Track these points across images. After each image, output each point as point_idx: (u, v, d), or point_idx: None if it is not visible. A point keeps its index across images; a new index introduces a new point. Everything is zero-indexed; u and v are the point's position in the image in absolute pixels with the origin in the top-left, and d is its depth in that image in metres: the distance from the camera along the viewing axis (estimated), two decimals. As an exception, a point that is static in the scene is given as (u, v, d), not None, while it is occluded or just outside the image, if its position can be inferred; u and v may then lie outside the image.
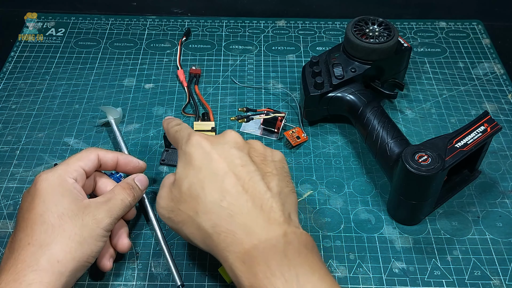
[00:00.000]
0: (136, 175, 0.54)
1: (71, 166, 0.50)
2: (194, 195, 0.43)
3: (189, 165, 0.45)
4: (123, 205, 0.50)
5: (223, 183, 0.43)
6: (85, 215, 0.47)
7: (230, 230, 0.41)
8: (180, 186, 0.45)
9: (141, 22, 0.86)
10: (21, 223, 0.46)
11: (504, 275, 0.53)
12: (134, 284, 0.52)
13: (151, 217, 0.56)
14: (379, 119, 0.61)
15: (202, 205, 0.43)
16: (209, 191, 0.43)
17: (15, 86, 0.74)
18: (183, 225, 0.45)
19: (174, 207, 0.45)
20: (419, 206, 0.55)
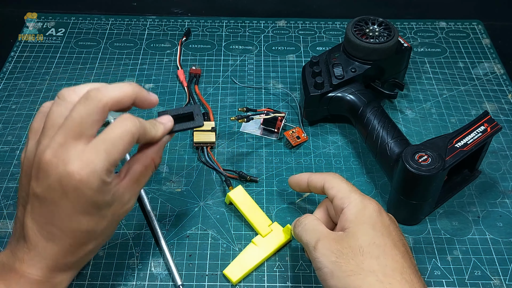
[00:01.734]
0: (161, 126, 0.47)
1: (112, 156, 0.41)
2: (375, 254, 0.44)
3: (371, 226, 0.46)
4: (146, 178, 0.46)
5: (403, 259, 0.44)
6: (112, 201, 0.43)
7: None
8: (358, 239, 0.45)
9: (141, 22, 0.86)
10: None
11: (504, 275, 0.53)
12: (134, 284, 0.52)
13: (151, 216, 0.56)
14: (379, 119, 0.61)
15: (383, 267, 0.43)
16: (391, 260, 0.44)
17: (15, 86, 0.74)
18: (353, 275, 0.43)
19: (346, 254, 0.44)
20: (419, 206, 0.55)
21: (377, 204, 0.48)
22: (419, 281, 0.43)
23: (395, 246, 0.45)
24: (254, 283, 0.52)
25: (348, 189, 0.49)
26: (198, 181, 0.62)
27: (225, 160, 0.64)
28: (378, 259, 0.43)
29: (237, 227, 0.57)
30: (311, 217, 0.50)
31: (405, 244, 0.46)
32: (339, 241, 0.45)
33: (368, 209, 0.47)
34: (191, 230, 0.57)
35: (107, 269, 0.53)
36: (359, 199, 0.48)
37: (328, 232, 0.47)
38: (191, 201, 0.60)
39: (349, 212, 0.47)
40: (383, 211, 0.48)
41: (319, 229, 0.48)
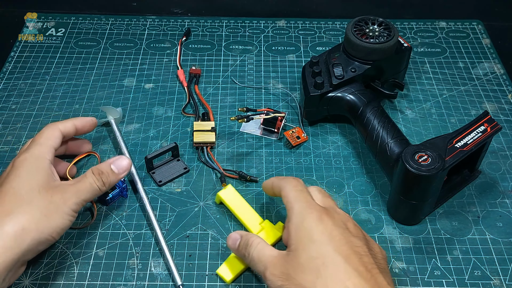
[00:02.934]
0: (115, 159, 0.56)
1: (43, 146, 0.53)
2: (314, 269, 0.43)
3: (309, 238, 0.45)
4: (92, 189, 0.52)
5: (346, 264, 0.43)
6: (54, 193, 0.50)
7: None
8: (298, 257, 0.44)
9: (141, 22, 0.86)
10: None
11: (504, 275, 0.53)
12: (134, 284, 0.52)
13: (151, 216, 0.56)
14: (379, 119, 0.61)
15: (323, 280, 0.42)
16: (332, 269, 0.43)
17: (15, 86, 0.74)
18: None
19: (289, 276, 0.44)
20: (419, 206, 0.55)
21: (319, 210, 0.47)
22: (366, 283, 0.42)
23: (336, 252, 0.43)
24: (254, 283, 0.52)
25: (293, 199, 0.49)
26: (198, 181, 0.62)
27: (225, 160, 0.64)
28: (318, 273, 0.43)
29: (237, 228, 0.57)
30: (255, 243, 0.49)
31: (353, 242, 0.45)
32: (284, 263, 0.45)
33: (306, 220, 0.46)
34: (191, 230, 0.57)
35: (107, 269, 0.53)
36: (299, 210, 0.47)
37: (273, 257, 0.47)
38: (191, 201, 0.60)
39: (291, 227, 0.47)
40: (325, 216, 0.46)
41: (264, 256, 0.47)
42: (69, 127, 0.57)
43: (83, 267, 0.53)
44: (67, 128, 0.57)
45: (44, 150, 0.53)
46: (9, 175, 0.50)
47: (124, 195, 0.59)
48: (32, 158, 0.52)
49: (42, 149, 0.53)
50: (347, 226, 0.47)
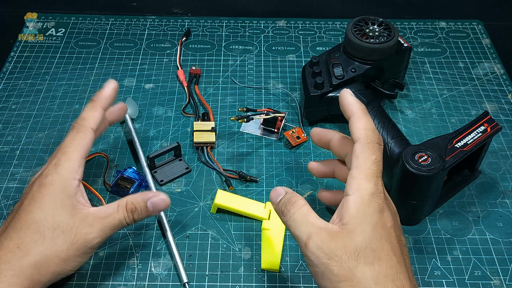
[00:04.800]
0: (153, 195, 0.50)
1: (73, 161, 0.48)
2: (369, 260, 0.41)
3: (370, 226, 0.42)
4: (119, 226, 0.49)
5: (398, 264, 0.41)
6: (78, 231, 0.47)
7: None
8: (356, 241, 0.41)
9: (141, 22, 0.86)
10: (16, 222, 0.47)
11: (504, 275, 0.53)
12: (134, 284, 0.52)
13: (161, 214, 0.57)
14: (379, 119, 0.61)
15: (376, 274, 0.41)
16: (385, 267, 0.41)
17: (15, 86, 0.74)
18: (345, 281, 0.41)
19: (339, 257, 0.41)
20: (419, 206, 0.55)
21: (382, 201, 0.43)
22: (410, 285, 0.41)
23: (392, 251, 0.42)
24: (254, 283, 0.52)
25: (367, 173, 0.43)
26: (198, 181, 0.62)
27: (225, 160, 0.64)
28: (373, 266, 0.40)
29: (237, 227, 0.57)
30: (299, 204, 0.45)
31: (403, 245, 0.44)
32: (333, 239, 0.41)
33: (372, 206, 0.42)
34: (191, 230, 0.57)
35: (107, 269, 0.53)
36: (368, 191, 0.42)
37: (320, 226, 0.42)
38: (191, 201, 0.60)
39: (352, 204, 0.42)
40: (386, 210, 0.43)
41: (310, 221, 0.43)
42: (99, 122, 0.52)
43: (83, 267, 0.53)
44: (98, 125, 0.51)
45: (74, 168, 0.48)
46: (33, 202, 0.47)
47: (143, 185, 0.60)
48: (60, 184, 0.47)
49: (71, 165, 0.48)
50: (398, 222, 0.45)
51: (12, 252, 0.45)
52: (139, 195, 0.50)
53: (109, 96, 0.53)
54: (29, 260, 0.45)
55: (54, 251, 0.46)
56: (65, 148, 0.49)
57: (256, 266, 0.54)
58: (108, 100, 0.53)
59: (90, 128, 0.50)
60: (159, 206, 0.50)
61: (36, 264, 0.45)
